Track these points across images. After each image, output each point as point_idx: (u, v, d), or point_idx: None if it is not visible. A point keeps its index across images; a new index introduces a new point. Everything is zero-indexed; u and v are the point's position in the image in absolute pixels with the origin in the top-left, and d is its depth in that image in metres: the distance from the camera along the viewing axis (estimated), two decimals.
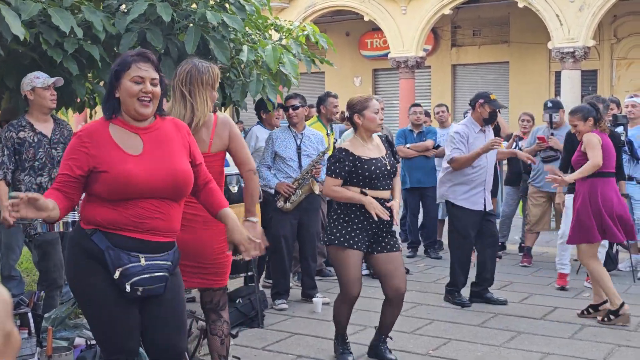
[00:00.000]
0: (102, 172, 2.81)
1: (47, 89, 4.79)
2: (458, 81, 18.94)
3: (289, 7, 17.16)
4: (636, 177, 7.02)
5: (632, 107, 7.17)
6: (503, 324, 5.39)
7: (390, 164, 4.44)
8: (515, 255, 8.06)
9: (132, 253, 2.83)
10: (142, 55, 2.93)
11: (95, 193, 2.84)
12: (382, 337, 4.58)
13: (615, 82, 16.80)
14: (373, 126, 4.42)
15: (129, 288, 2.81)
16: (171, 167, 2.91)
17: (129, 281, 2.81)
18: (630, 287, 6.59)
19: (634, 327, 5.27)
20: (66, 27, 4.40)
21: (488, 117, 5.94)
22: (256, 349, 4.86)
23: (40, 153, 4.83)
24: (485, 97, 5.94)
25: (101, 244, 2.81)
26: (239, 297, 5.46)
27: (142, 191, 2.83)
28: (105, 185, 2.81)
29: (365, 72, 19.44)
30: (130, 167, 2.81)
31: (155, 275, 2.87)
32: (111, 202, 2.82)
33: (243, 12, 5.25)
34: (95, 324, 2.94)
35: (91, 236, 2.83)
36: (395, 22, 16.43)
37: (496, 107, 5.93)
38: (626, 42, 16.64)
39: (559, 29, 14.60)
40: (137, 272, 2.82)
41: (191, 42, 4.85)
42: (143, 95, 2.87)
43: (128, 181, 2.80)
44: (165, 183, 2.87)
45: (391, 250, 4.42)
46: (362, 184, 4.34)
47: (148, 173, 2.83)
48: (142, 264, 2.83)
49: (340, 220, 4.38)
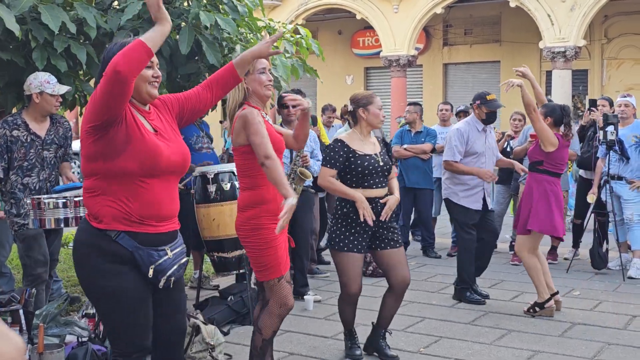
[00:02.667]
0: (133, 142, 2.74)
1: (55, 96, 4.74)
2: (449, 80, 18.99)
3: (281, 5, 17.15)
4: (625, 177, 7.06)
5: (624, 107, 7.21)
6: (493, 322, 5.41)
7: (384, 161, 4.46)
8: (506, 253, 8.09)
9: (160, 248, 2.85)
10: None
11: (123, 170, 2.74)
12: (382, 332, 4.61)
13: (606, 82, 16.89)
14: (376, 122, 4.45)
15: (164, 282, 2.85)
16: (180, 144, 2.95)
17: (164, 276, 2.84)
18: (620, 285, 6.63)
19: (624, 326, 5.30)
20: (55, 26, 4.36)
21: (486, 118, 5.92)
22: (247, 346, 4.82)
23: (31, 154, 4.78)
24: (481, 97, 5.91)
25: (128, 246, 2.78)
26: (231, 295, 5.47)
27: (165, 167, 2.82)
28: (137, 156, 2.74)
29: (357, 70, 19.46)
30: (158, 142, 2.82)
31: (181, 263, 2.93)
32: (126, 191, 2.76)
33: (236, 12, 5.26)
34: (117, 325, 2.88)
35: (116, 238, 2.78)
36: (387, 21, 16.45)
37: (493, 107, 5.89)
38: (617, 42, 16.73)
39: (550, 28, 14.66)
40: (169, 265, 2.86)
41: (185, 42, 4.85)
42: (154, 79, 2.88)
43: (157, 153, 2.78)
44: (180, 159, 2.90)
45: (394, 246, 4.46)
46: (355, 180, 4.36)
47: (168, 150, 2.85)
48: (170, 256, 2.87)
49: (339, 225, 4.42)
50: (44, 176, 4.85)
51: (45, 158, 4.84)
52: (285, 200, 3.20)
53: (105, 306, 2.87)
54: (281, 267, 3.71)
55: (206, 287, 6.42)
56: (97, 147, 2.75)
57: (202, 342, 4.37)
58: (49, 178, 4.88)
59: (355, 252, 4.39)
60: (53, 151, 4.88)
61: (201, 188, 5.25)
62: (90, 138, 2.76)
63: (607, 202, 7.15)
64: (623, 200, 7.08)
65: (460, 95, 18.05)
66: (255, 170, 3.66)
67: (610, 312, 5.68)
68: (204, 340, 4.37)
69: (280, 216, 3.14)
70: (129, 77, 2.60)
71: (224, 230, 5.19)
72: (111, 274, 2.79)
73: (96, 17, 4.62)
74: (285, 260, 3.74)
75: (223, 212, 5.19)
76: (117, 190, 2.78)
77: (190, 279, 6.66)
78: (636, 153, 7.04)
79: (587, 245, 7.47)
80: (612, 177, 7.07)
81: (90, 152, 2.78)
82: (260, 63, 3.66)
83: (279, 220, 3.20)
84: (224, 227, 5.19)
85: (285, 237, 3.79)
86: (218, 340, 4.45)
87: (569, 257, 7.59)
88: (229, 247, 5.26)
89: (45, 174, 4.86)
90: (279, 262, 3.69)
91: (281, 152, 3.74)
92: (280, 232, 3.24)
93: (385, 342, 4.60)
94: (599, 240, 7.33)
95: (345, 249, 4.38)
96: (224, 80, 3.12)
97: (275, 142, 3.64)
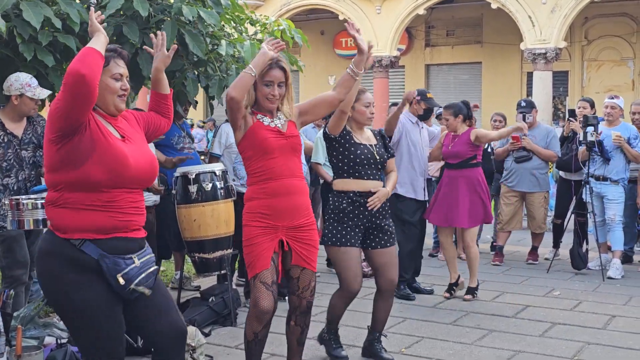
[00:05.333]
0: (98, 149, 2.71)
1: (35, 99, 4.68)
2: (432, 81, 19.06)
3: (264, 4, 17.13)
4: (610, 177, 7.09)
5: (610, 109, 7.22)
6: (475, 322, 5.43)
7: (379, 154, 4.44)
8: (487, 254, 8.12)
9: (126, 256, 2.80)
10: (117, 52, 2.92)
11: (87, 178, 2.70)
12: (377, 335, 4.59)
13: (586, 83, 17.04)
14: (362, 119, 4.44)
15: (131, 292, 2.79)
16: (148, 153, 2.93)
17: (131, 284, 2.78)
18: (600, 285, 6.68)
19: (604, 325, 5.34)
20: (37, 22, 4.31)
21: (422, 114, 6.18)
22: (229, 348, 4.84)
23: (9, 154, 4.72)
24: (422, 94, 6.17)
25: (94, 254, 2.73)
26: (212, 296, 5.43)
27: (132, 176, 2.79)
28: (102, 162, 2.71)
29: (340, 70, 19.36)
30: (124, 150, 2.79)
31: (150, 271, 2.88)
32: (91, 202, 2.73)
33: (219, 6, 5.23)
34: (86, 336, 2.82)
35: (80, 247, 2.73)
36: (369, 22, 16.48)
37: (431, 105, 6.21)
38: (596, 44, 16.89)
39: (531, 30, 14.76)
40: (137, 274, 2.80)
41: (168, 37, 4.82)
42: (122, 92, 2.86)
43: (123, 159, 2.75)
44: (148, 168, 2.88)
45: (385, 245, 4.44)
46: (347, 169, 4.36)
47: (135, 159, 2.82)
48: (137, 264, 2.82)
49: (332, 220, 4.39)
50: (23, 176, 4.78)
51: (24, 158, 4.78)
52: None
53: (72, 318, 2.81)
54: (257, 265, 3.63)
55: (187, 288, 6.38)
56: (61, 156, 2.71)
57: None
58: (29, 178, 4.81)
59: (350, 246, 4.32)
60: (31, 150, 4.82)
61: (182, 188, 5.22)
62: (54, 147, 2.72)
63: (587, 203, 7.20)
64: (607, 200, 7.11)
65: (442, 96, 18.09)
66: (247, 169, 3.72)
67: (590, 312, 5.72)
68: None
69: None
70: (93, 79, 2.60)
71: (205, 230, 5.16)
72: (77, 284, 2.73)
73: (80, 12, 4.57)
74: (264, 260, 3.63)
75: (204, 212, 5.16)
76: (81, 201, 2.73)
77: (172, 279, 6.62)
78: (620, 154, 7.08)
79: (567, 245, 7.52)
80: (596, 178, 7.12)
81: (54, 161, 2.74)
82: (268, 76, 3.63)
83: (260, 219, 3.55)
84: (205, 228, 5.16)
85: (274, 238, 3.67)
86: (199, 341, 4.42)
87: (550, 257, 7.63)
88: (210, 248, 5.22)
89: (25, 174, 4.79)
90: (254, 260, 3.63)
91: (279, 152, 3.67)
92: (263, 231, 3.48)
93: (380, 346, 4.58)
94: (579, 240, 7.39)
95: (341, 244, 4.31)
96: (157, 107, 3.22)
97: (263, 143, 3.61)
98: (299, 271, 3.76)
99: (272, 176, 3.63)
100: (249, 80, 3.49)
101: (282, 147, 3.65)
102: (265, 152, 3.61)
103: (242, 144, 3.68)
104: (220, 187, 5.24)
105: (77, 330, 2.84)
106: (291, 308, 3.86)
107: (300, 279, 3.78)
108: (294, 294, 3.81)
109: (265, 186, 3.63)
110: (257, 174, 3.65)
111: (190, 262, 5.97)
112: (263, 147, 3.61)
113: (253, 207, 3.66)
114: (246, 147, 3.66)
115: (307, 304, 3.83)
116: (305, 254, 3.75)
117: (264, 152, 3.61)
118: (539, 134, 7.53)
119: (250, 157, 3.67)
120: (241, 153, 3.72)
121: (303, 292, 3.80)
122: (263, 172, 3.63)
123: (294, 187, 3.67)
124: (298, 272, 3.77)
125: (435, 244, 8.10)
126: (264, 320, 3.69)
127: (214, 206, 5.18)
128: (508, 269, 7.49)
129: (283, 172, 3.63)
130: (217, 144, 6.01)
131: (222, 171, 5.30)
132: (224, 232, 5.24)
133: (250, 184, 3.72)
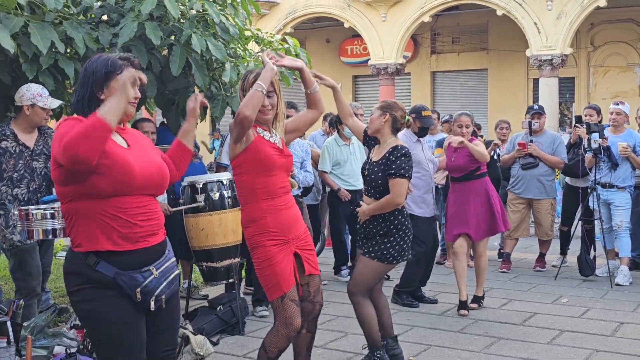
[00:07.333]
0: (104, 163, 2.70)
1: (46, 109, 4.71)
2: (437, 88, 19.07)
3: (270, 13, 17.18)
4: (617, 185, 7.09)
5: (616, 115, 7.22)
6: (483, 330, 5.43)
7: (368, 171, 4.50)
8: (495, 261, 8.11)
9: (143, 269, 2.80)
10: (129, 60, 2.92)
11: (94, 189, 2.71)
12: (387, 341, 4.60)
13: (592, 90, 17.01)
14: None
15: (154, 304, 2.81)
16: (157, 161, 2.94)
17: (151, 297, 2.79)
18: (608, 292, 6.67)
19: (612, 332, 5.33)
20: (44, 47, 4.31)
21: (417, 132, 6.05)
22: (237, 356, 4.85)
23: (20, 164, 4.76)
24: (417, 112, 6.05)
25: (109, 272, 2.75)
26: (220, 304, 5.45)
27: (139, 185, 2.79)
28: (109, 175, 2.71)
29: (346, 78, 19.50)
30: (129, 158, 2.79)
31: (170, 279, 2.89)
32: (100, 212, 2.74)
33: (227, 34, 5.28)
34: (110, 348, 2.83)
35: (96, 267, 2.75)
36: (375, 29, 16.51)
37: (426, 124, 6.03)
38: (603, 50, 16.86)
39: (537, 36, 14.76)
40: (156, 285, 2.81)
41: (176, 64, 4.86)
42: (134, 99, 2.87)
43: (129, 169, 2.75)
44: (156, 176, 2.89)
45: (364, 254, 4.49)
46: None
47: (141, 166, 2.82)
48: (156, 275, 2.82)
49: (405, 237, 4.52)
50: (33, 187, 4.82)
51: (35, 169, 4.82)
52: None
53: (93, 331, 2.84)
54: (282, 285, 3.60)
55: (195, 297, 6.40)
56: (66, 174, 2.72)
57: (192, 352, 4.36)
58: (39, 189, 4.84)
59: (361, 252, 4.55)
60: (42, 162, 4.85)
61: (190, 198, 5.25)
62: (58, 166, 2.73)
63: (594, 210, 7.19)
64: (614, 207, 7.11)
65: (448, 103, 18.14)
66: (243, 185, 3.66)
67: (598, 319, 5.71)
68: (193, 350, 4.36)
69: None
70: (92, 159, 2.58)
71: (212, 240, 5.19)
72: (99, 299, 2.76)
73: (84, 37, 4.58)
74: (289, 277, 3.61)
75: (212, 222, 5.19)
76: (91, 210, 2.75)
77: (179, 288, 6.62)
78: (626, 161, 7.07)
79: (574, 252, 7.52)
80: (603, 186, 7.11)
81: (60, 177, 2.76)
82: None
83: (274, 237, 3.55)
84: (212, 237, 5.18)
85: (289, 253, 3.66)
86: (207, 350, 4.44)
87: (557, 264, 7.62)
88: (217, 257, 5.25)
89: (35, 185, 4.83)
90: (278, 280, 3.59)
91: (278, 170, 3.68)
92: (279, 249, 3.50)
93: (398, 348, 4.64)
94: (586, 247, 7.37)
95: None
96: (178, 159, 3.16)
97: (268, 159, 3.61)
98: (308, 277, 3.79)
99: (275, 193, 3.63)
100: (261, 98, 3.51)
101: (281, 165, 3.67)
102: (267, 169, 3.60)
103: (240, 157, 3.62)
104: (228, 196, 5.27)
105: (102, 343, 2.85)
106: (303, 315, 3.87)
107: (310, 284, 3.80)
108: (306, 300, 3.80)
109: (271, 203, 3.61)
110: (258, 190, 3.60)
111: (198, 271, 5.99)
112: (266, 163, 3.60)
113: (263, 226, 3.61)
114: (246, 160, 3.61)
115: (319, 307, 3.86)
116: (312, 260, 3.79)
117: (266, 168, 3.60)
118: (545, 140, 7.53)
119: (248, 171, 3.61)
120: (237, 166, 3.66)
121: (315, 297, 3.82)
122: (265, 189, 3.61)
123: (291, 200, 3.73)
124: (307, 278, 3.79)
125: (443, 252, 8.09)
126: (292, 338, 3.70)
127: (221, 215, 5.21)
128: (515, 276, 7.48)
129: (281, 189, 3.66)
130: (225, 153, 6.04)
131: (229, 180, 5.32)
132: (232, 241, 5.27)
133: (250, 202, 3.64)
